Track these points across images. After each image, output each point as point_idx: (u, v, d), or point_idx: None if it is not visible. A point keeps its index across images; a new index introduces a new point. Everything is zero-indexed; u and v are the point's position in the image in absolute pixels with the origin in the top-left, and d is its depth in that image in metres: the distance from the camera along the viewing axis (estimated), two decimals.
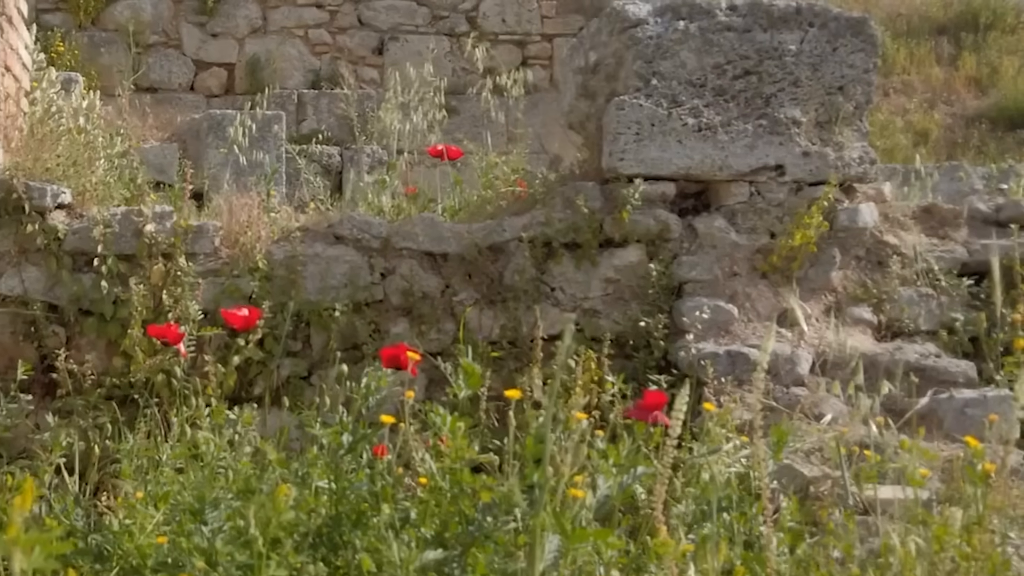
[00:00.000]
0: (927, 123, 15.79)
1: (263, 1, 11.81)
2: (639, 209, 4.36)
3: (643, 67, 4.45)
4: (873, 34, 4.58)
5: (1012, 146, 15.34)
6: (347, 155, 10.80)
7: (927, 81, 16.77)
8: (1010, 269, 4.45)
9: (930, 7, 18.00)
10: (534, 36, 12.11)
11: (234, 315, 3.33)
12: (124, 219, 4.27)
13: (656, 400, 2.81)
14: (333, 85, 11.76)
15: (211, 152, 7.93)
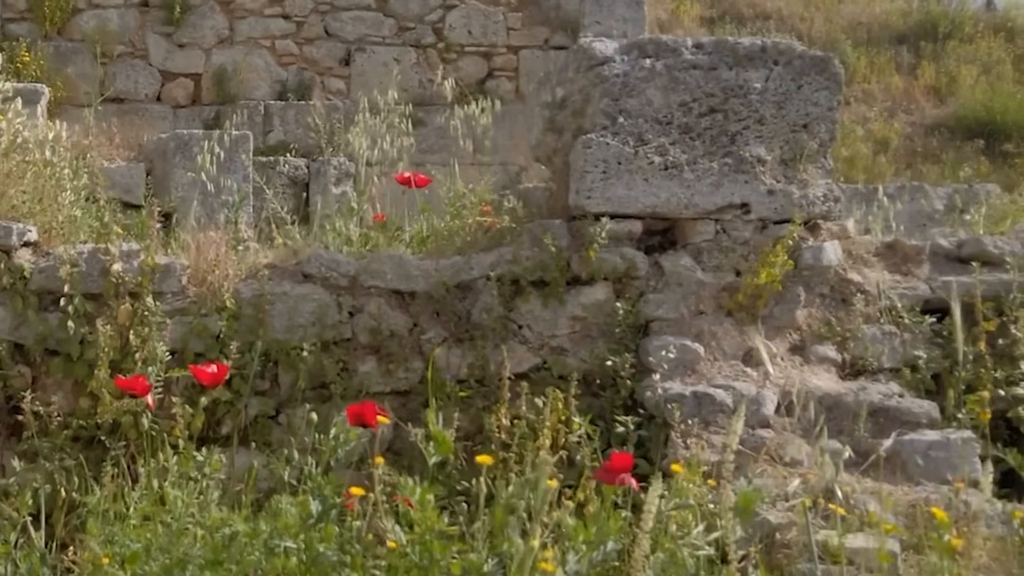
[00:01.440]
0: (887, 132, 15.92)
1: (230, 12, 11.77)
2: (606, 248, 4.39)
3: (610, 105, 4.48)
4: (837, 72, 4.62)
5: (970, 155, 15.49)
6: (314, 167, 10.76)
7: (887, 90, 16.90)
8: (972, 306, 4.51)
9: (890, 16, 18.13)
10: (500, 48, 12.12)
11: (203, 372, 3.34)
12: (91, 258, 4.26)
13: (622, 463, 2.84)
14: (300, 96, 11.74)
15: (178, 172, 7.90)
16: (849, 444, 4.02)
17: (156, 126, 11.42)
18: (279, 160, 10.73)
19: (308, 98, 11.75)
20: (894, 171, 15.47)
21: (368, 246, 5.57)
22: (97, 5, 11.56)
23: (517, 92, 12.16)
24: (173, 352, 4.22)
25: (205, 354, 4.27)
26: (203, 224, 7.20)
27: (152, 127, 11.36)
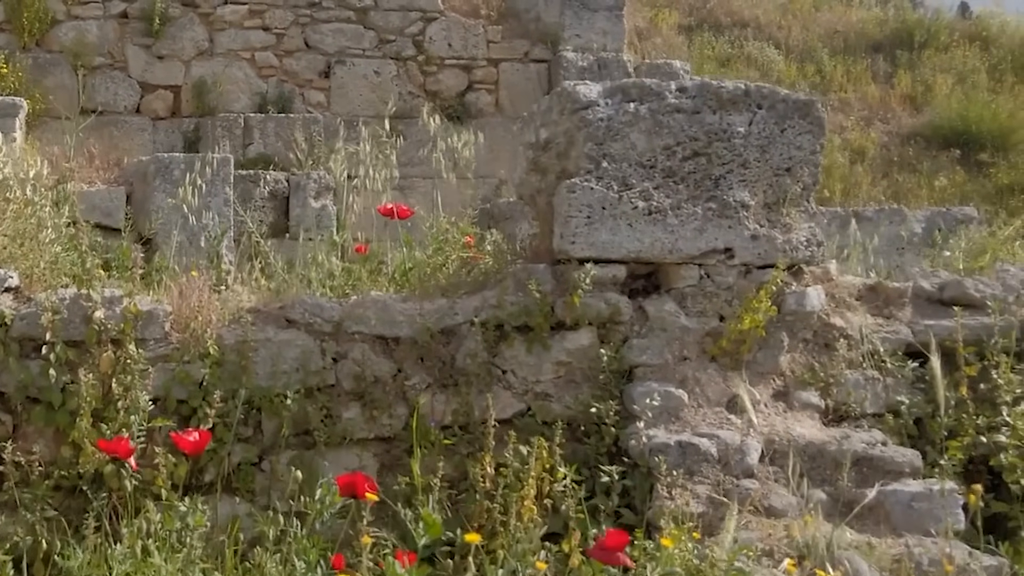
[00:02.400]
0: (864, 141, 15.98)
1: (210, 24, 11.75)
2: (590, 293, 4.39)
3: (594, 149, 4.48)
4: (820, 116, 4.64)
5: (946, 164, 15.57)
6: (294, 181, 10.74)
7: (864, 99, 16.96)
8: (954, 351, 4.53)
9: (866, 24, 18.20)
10: (480, 61, 12.13)
11: (184, 440, 3.32)
12: (73, 304, 4.23)
13: (617, 541, 2.84)
14: (280, 108, 11.72)
15: (158, 196, 7.87)
16: (833, 493, 4.05)
17: (135, 138, 11.41)
18: (259, 174, 10.70)
19: (288, 110, 11.73)
20: (871, 180, 15.54)
21: (350, 280, 5.57)
22: (76, 16, 11.51)
23: (497, 105, 12.18)
24: (156, 399, 4.20)
25: (188, 401, 4.25)
26: (184, 249, 7.20)
27: (131, 139, 11.35)
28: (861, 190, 15.27)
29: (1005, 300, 4.71)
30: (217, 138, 11.33)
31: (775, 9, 18.34)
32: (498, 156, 12.05)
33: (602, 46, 12.12)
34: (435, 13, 12.09)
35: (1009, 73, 17.47)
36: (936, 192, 15.31)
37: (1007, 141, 15.88)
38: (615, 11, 12.23)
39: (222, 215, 7.93)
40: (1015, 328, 4.59)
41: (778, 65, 16.97)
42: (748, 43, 17.19)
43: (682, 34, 17.07)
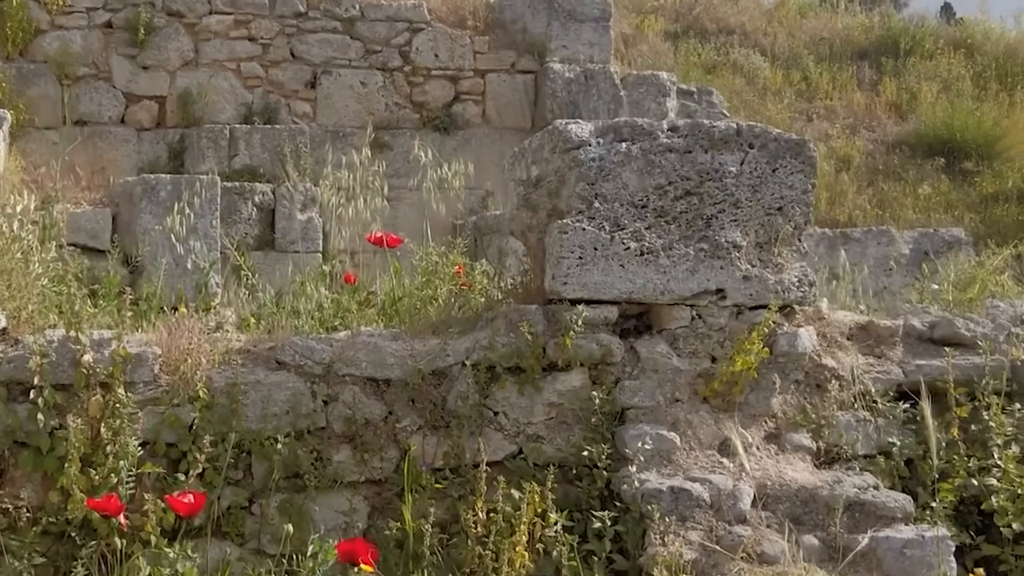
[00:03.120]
0: (849, 149, 16.00)
1: (195, 34, 11.69)
2: (582, 335, 4.38)
3: (586, 189, 4.46)
4: (812, 156, 4.63)
5: (931, 173, 15.59)
6: (280, 193, 10.71)
7: (849, 106, 16.99)
8: (944, 391, 4.54)
9: (852, 31, 18.22)
10: (467, 72, 12.11)
11: (180, 503, 3.29)
12: (61, 347, 4.19)
13: None
14: (266, 119, 11.68)
15: (145, 217, 7.82)
16: (825, 539, 4.05)
17: (120, 149, 11.36)
18: (245, 187, 10.67)
19: (274, 121, 11.70)
20: (856, 189, 15.57)
21: (339, 312, 5.54)
22: (60, 26, 11.44)
23: (484, 116, 12.16)
24: (145, 443, 4.17)
25: (177, 445, 4.22)
26: (171, 271, 7.16)
27: (116, 150, 11.31)
28: (847, 199, 15.30)
29: (996, 339, 4.72)
30: (202, 149, 11.29)
31: (761, 16, 18.36)
32: (485, 167, 12.02)
33: (589, 57, 12.11)
34: (421, 24, 12.05)
35: (993, 81, 17.51)
36: (921, 201, 15.35)
37: (992, 150, 15.92)
38: (602, 22, 12.22)
39: (209, 236, 7.88)
40: (1006, 368, 4.59)
41: (764, 72, 16.99)
42: (734, 50, 17.21)
43: (668, 40, 17.07)
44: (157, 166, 11.38)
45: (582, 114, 11.86)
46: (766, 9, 18.61)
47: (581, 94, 11.91)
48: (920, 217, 15.09)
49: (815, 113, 16.85)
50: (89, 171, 11.23)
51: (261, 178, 11.17)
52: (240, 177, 11.17)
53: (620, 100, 12.04)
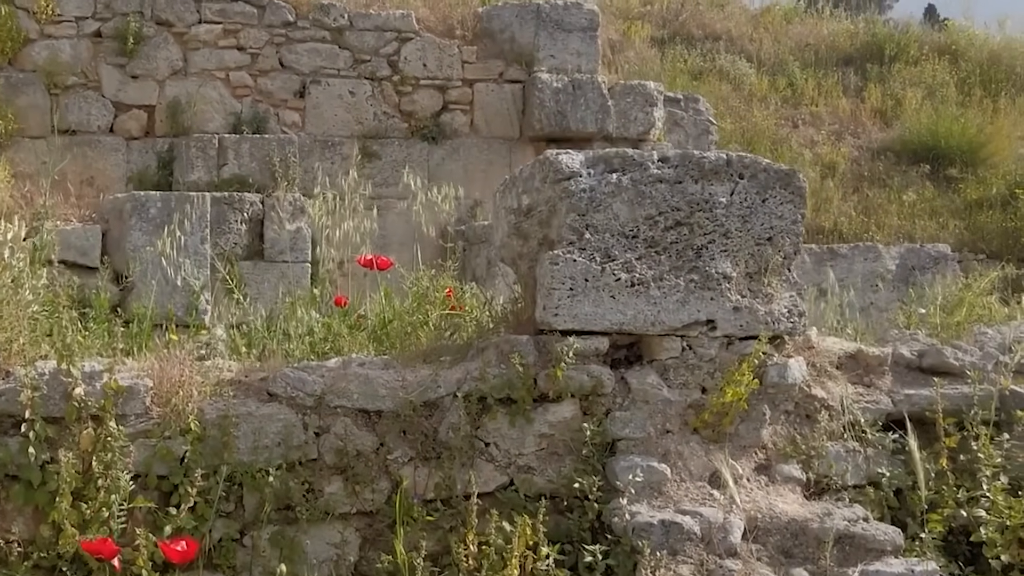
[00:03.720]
0: (835, 156, 16.06)
1: (184, 43, 11.70)
2: (573, 366, 4.39)
3: (576, 220, 4.48)
4: (801, 186, 4.65)
5: (916, 180, 15.65)
6: (269, 203, 10.72)
7: (835, 112, 17.04)
8: (933, 421, 4.57)
9: (837, 37, 18.28)
10: (455, 81, 12.14)
11: (172, 550, 3.30)
12: (52, 380, 4.19)
13: None
14: (255, 128, 11.67)
15: (135, 234, 7.82)
16: (815, 572, 4.07)
17: (109, 158, 11.37)
18: (234, 196, 10.68)
19: (263, 131, 11.71)
20: (841, 196, 15.63)
21: (330, 336, 5.55)
22: (49, 36, 11.44)
23: (472, 125, 12.20)
24: (136, 475, 4.17)
25: (169, 477, 4.23)
26: (161, 287, 7.16)
27: (105, 159, 11.31)
28: (832, 205, 15.35)
29: (984, 369, 4.75)
30: (191, 159, 11.30)
31: (747, 22, 18.41)
32: (473, 177, 12.08)
33: (576, 67, 12.13)
34: (410, 33, 12.07)
35: (978, 87, 17.59)
36: (906, 208, 15.42)
37: (976, 156, 15.99)
38: (589, 32, 12.24)
39: (199, 253, 7.88)
40: (994, 398, 4.62)
41: (750, 78, 17.04)
42: (720, 56, 17.25)
43: (655, 47, 17.11)
44: (146, 175, 11.39)
45: (570, 124, 11.93)
46: (752, 15, 18.66)
47: (569, 104, 11.94)
48: (905, 224, 15.16)
49: (801, 119, 16.91)
50: (78, 181, 11.22)
51: (250, 188, 11.18)
52: (229, 187, 11.19)
53: (608, 110, 12.08)
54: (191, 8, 11.67)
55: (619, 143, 12.29)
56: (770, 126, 16.29)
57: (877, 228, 15.09)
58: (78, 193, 9.53)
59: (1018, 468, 4.51)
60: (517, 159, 12.15)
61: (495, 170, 12.10)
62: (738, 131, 15.88)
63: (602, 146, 12.18)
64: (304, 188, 11.47)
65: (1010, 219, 15.17)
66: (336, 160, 11.81)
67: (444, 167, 12.02)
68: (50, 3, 11.25)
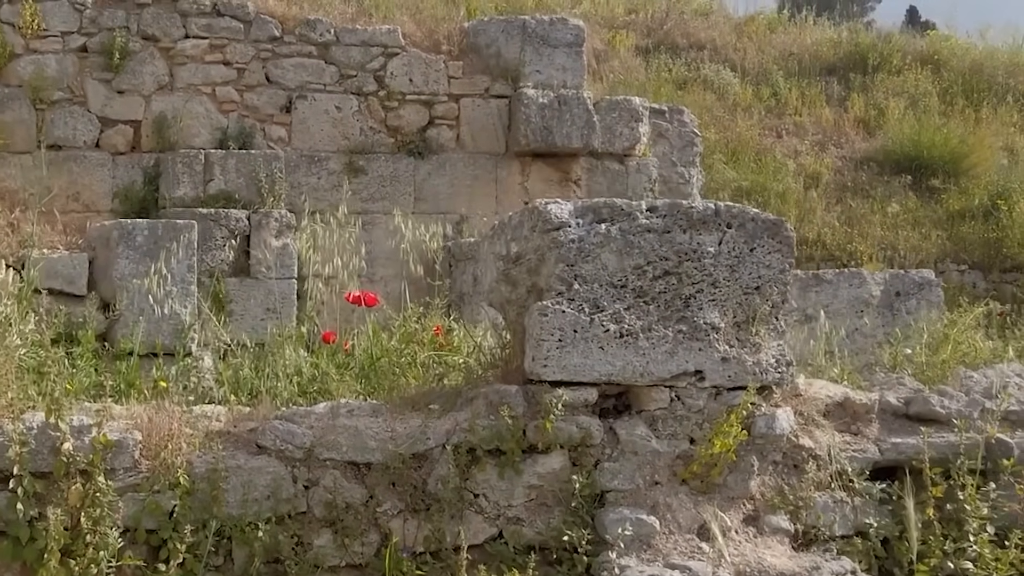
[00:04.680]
0: (818, 166, 16.11)
1: (170, 58, 11.65)
2: (562, 417, 4.40)
3: (565, 271, 4.49)
4: (789, 235, 4.67)
5: (899, 190, 15.71)
6: (255, 219, 10.71)
7: (818, 122, 17.09)
8: (920, 470, 4.59)
9: (820, 46, 18.34)
10: (441, 96, 12.12)
11: None
12: (40, 434, 4.18)
13: None
14: (241, 144, 11.65)
15: (121, 262, 7.80)
16: None
17: (95, 174, 11.33)
18: (220, 213, 10.67)
19: (249, 146, 11.67)
20: (825, 206, 15.68)
21: (318, 376, 5.55)
22: (35, 50, 11.38)
23: (458, 140, 12.18)
24: (125, 530, 4.17)
25: (158, 532, 4.23)
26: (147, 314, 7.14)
27: (91, 175, 11.28)
28: (816, 216, 15.41)
29: (970, 416, 4.78)
30: (177, 174, 11.27)
31: (731, 31, 18.44)
32: (459, 192, 12.08)
33: (562, 82, 12.13)
34: (396, 48, 12.04)
35: (960, 97, 17.67)
36: (889, 219, 15.48)
37: (958, 167, 16.06)
38: (575, 48, 12.23)
39: (186, 281, 7.87)
40: (980, 447, 4.65)
41: (734, 88, 17.08)
42: (704, 65, 17.29)
43: (639, 56, 17.14)
44: (132, 191, 11.36)
45: (556, 139, 11.93)
46: (736, 24, 18.69)
47: (555, 120, 11.95)
48: (888, 235, 15.23)
49: (784, 129, 16.96)
50: (64, 196, 11.19)
51: (236, 203, 11.16)
52: (215, 202, 11.17)
53: (593, 125, 12.09)
54: (177, 23, 11.62)
55: (605, 158, 12.35)
56: (754, 136, 16.35)
57: (861, 239, 15.16)
58: (64, 206, 9.49)
59: (1004, 518, 4.54)
60: (503, 174, 12.17)
61: (481, 185, 12.12)
62: (722, 141, 15.94)
63: (588, 161, 12.25)
64: (291, 204, 11.46)
65: (992, 230, 15.26)
66: (322, 175, 11.80)
67: (430, 182, 12.02)
68: (36, 18, 11.18)
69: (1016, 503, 4.59)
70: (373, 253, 11.66)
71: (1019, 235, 15.06)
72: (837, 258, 15.08)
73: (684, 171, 13.36)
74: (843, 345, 7.03)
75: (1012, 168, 16.33)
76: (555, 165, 12.29)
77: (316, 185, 11.76)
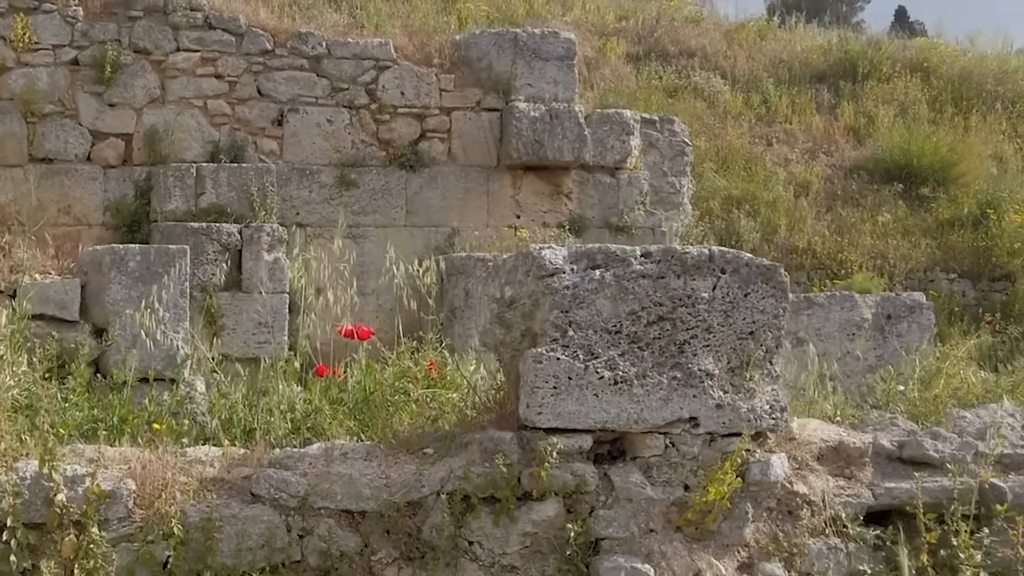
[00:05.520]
0: (808, 174, 16.12)
1: (161, 71, 11.64)
2: (557, 465, 4.41)
3: (560, 317, 4.49)
4: (783, 281, 4.67)
5: (888, 199, 15.74)
6: (247, 233, 10.69)
7: (808, 130, 17.10)
8: (914, 515, 4.60)
9: (810, 54, 18.34)
10: (433, 109, 12.13)
11: None
12: (34, 485, 4.17)
13: None
14: (232, 157, 11.63)
15: (114, 288, 7.78)
16: None
17: (86, 187, 11.32)
18: (212, 227, 10.65)
19: (241, 159, 11.66)
20: (815, 215, 15.70)
21: (311, 415, 5.55)
22: (26, 64, 11.36)
23: (450, 154, 12.19)
24: None
25: None
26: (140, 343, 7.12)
27: (82, 188, 11.27)
28: (806, 225, 15.43)
29: (963, 460, 4.79)
30: (169, 188, 11.25)
31: (721, 38, 18.44)
32: (451, 205, 12.09)
33: (554, 96, 12.14)
34: (388, 62, 12.04)
35: (949, 104, 17.69)
36: (879, 228, 15.50)
37: (948, 175, 16.08)
38: (566, 61, 12.24)
39: (178, 307, 7.85)
40: (974, 491, 4.66)
41: (724, 96, 17.07)
42: (695, 73, 17.27)
43: (630, 63, 17.12)
44: (124, 204, 11.35)
45: (547, 153, 11.95)
46: (726, 31, 18.69)
47: (546, 133, 11.95)
48: (878, 243, 15.25)
49: (775, 137, 16.96)
50: (55, 210, 11.17)
51: (228, 217, 11.15)
52: (207, 216, 11.16)
53: (584, 139, 12.10)
54: (169, 36, 11.59)
55: (596, 171, 12.36)
56: (744, 144, 16.35)
57: (851, 248, 15.19)
58: (55, 222, 9.45)
59: (998, 564, 4.56)
60: (495, 187, 12.18)
61: (473, 198, 12.13)
62: (712, 150, 15.94)
63: (579, 174, 12.26)
64: (282, 217, 11.46)
65: (981, 239, 15.29)
66: (314, 189, 11.79)
67: (422, 195, 12.02)
68: (27, 31, 11.16)
69: (1009, 549, 4.60)
70: (365, 266, 11.64)
71: (1008, 244, 15.10)
72: (827, 267, 15.12)
73: (675, 180, 13.37)
74: (834, 371, 7.05)
75: (1001, 177, 16.36)
76: (546, 178, 12.30)
77: (308, 198, 11.75)
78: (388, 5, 14.06)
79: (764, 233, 15.11)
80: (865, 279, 14.20)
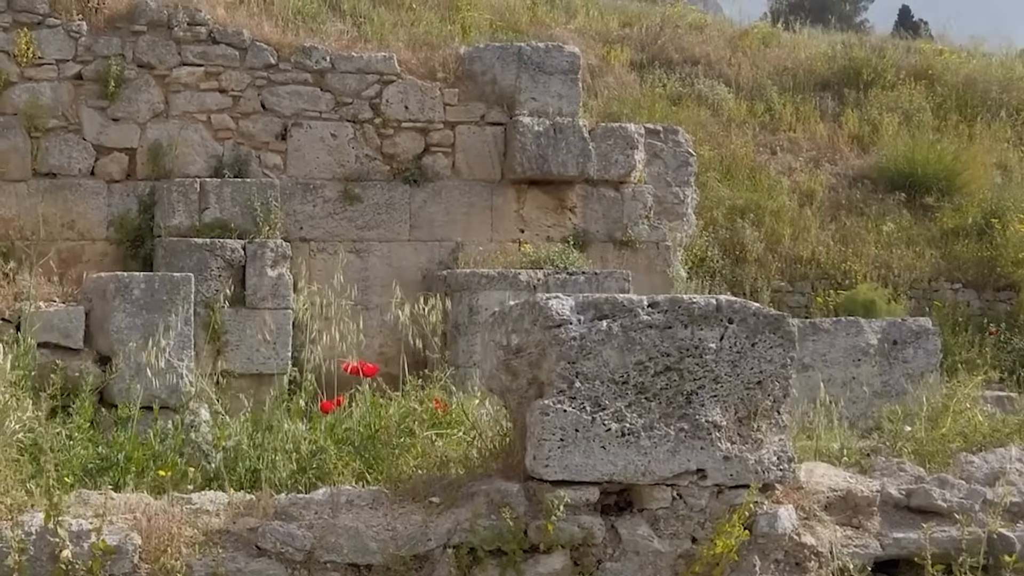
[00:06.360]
0: (812, 183, 16.10)
1: (165, 85, 11.63)
2: (563, 518, 4.40)
3: (567, 368, 4.48)
4: (791, 330, 4.66)
5: (892, 208, 15.71)
6: (251, 249, 10.69)
7: (812, 138, 17.08)
8: (922, 566, 4.59)
9: (814, 61, 18.31)
10: (437, 124, 12.11)
11: None
12: (40, 540, 4.16)
13: None
14: (236, 171, 11.62)
15: (118, 315, 7.78)
16: None
17: (90, 202, 11.32)
18: (215, 243, 10.66)
19: (245, 173, 11.65)
20: (819, 224, 15.68)
21: (316, 455, 5.54)
22: (30, 78, 11.34)
23: (454, 168, 12.18)
24: None
25: None
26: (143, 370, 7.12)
27: (86, 203, 11.27)
28: (810, 234, 15.41)
29: (971, 509, 4.77)
30: (173, 203, 11.24)
31: (725, 45, 18.41)
32: (454, 219, 12.09)
33: (557, 110, 12.12)
34: (392, 76, 12.03)
35: (953, 112, 17.66)
36: (883, 237, 15.48)
37: (952, 184, 16.06)
38: (570, 75, 12.23)
39: (183, 336, 7.85)
40: (982, 542, 4.65)
41: (728, 104, 17.05)
42: (699, 80, 17.24)
43: (634, 71, 17.10)
44: (127, 219, 11.35)
45: (551, 167, 11.95)
46: (730, 38, 18.65)
47: (550, 147, 11.94)
48: (882, 253, 15.24)
49: (779, 145, 16.93)
50: (59, 224, 11.17)
51: (232, 232, 11.14)
52: (211, 231, 11.15)
53: (589, 153, 12.10)
54: (172, 51, 11.58)
55: (600, 185, 12.35)
56: (748, 153, 16.33)
57: (855, 257, 15.18)
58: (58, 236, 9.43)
59: None
60: (499, 202, 12.17)
61: (477, 212, 12.12)
62: (716, 158, 15.92)
63: (584, 188, 12.24)
64: (286, 232, 11.45)
65: (985, 248, 15.28)
66: (318, 203, 11.79)
67: (426, 210, 12.01)
68: (31, 46, 11.15)
69: None
70: (369, 280, 11.68)
71: (1013, 254, 15.10)
72: (831, 276, 15.11)
73: (679, 191, 13.37)
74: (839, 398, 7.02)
75: (1006, 186, 16.35)
76: (551, 192, 12.29)
77: (312, 213, 11.75)
78: (392, 15, 14.05)
79: (768, 243, 15.10)
80: (869, 289, 14.19)
